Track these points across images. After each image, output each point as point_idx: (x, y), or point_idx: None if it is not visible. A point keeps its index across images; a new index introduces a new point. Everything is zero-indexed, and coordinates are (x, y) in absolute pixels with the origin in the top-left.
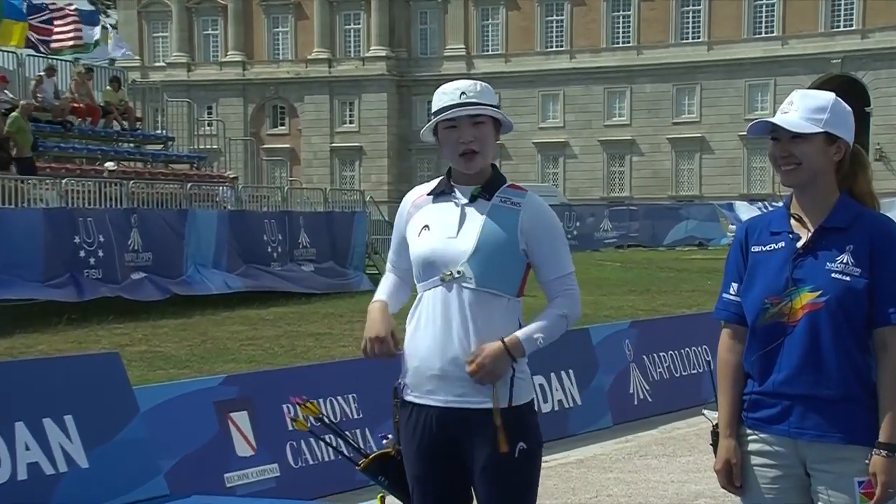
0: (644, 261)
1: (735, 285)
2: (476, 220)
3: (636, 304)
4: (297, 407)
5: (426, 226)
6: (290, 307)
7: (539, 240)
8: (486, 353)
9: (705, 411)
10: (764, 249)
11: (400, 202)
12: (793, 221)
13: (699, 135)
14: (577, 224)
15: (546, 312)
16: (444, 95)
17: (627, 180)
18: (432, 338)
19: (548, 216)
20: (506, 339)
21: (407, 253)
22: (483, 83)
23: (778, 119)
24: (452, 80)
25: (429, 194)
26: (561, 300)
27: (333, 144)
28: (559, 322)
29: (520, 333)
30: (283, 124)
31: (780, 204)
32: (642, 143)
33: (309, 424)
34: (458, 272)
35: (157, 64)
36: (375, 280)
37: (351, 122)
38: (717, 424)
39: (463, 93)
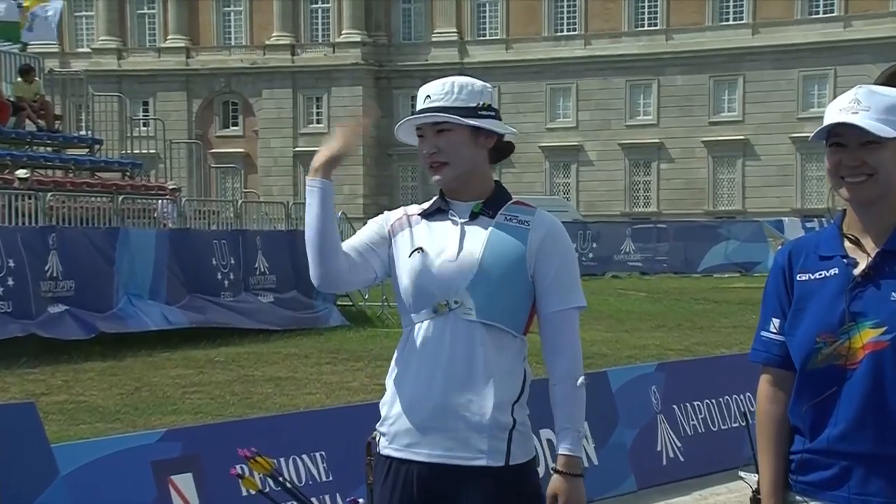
0: (674, 290)
1: (776, 321)
2: (478, 241)
3: (665, 343)
4: (246, 462)
5: (419, 248)
6: (244, 346)
7: (548, 263)
8: (565, 499)
9: (742, 473)
10: (813, 277)
11: None
12: (847, 244)
13: (742, 137)
14: (594, 245)
15: (560, 389)
16: (418, 98)
17: (654, 192)
18: (419, 380)
19: (562, 237)
20: (557, 466)
21: (371, 249)
22: (465, 81)
23: (860, 120)
24: (441, 71)
25: (420, 214)
26: (562, 360)
27: (297, 149)
28: (579, 395)
29: (563, 443)
30: (235, 124)
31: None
32: (672, 148)
33: (260, 484)
34: (457, 302)
35: (80, 50)
36: (349, 314)
37: (319, 122)
38: (757, 490)
39: (428, 96)
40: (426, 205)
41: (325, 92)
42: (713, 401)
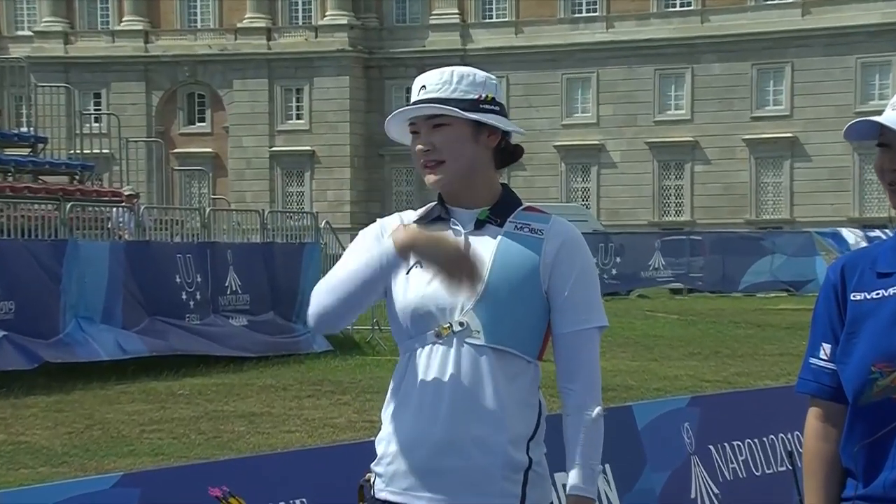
0: (711, 312)
1: (827, 347)
2: (485, 253)
3: (699, 373)
4: (218, 502)
5: (418, 262)
6: (212, 377)
7: (564, 276)
8: None
9: None
10: (869, 297)
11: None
12: None
13: (790, 134)
14: (617, 260)
15: (573, 420)
16: (413, 90)
17: (687, 199)
18: (421, 413)
19: (580, 247)
20: None
21: (376, 272)
22: (466, 71)
23: (886, 119)
24: (441, 59)
25: (417, 223)
26: (578, 386)
27: (274, 148)
28: (596, 428)
29: (574, 481)
30: (202, 120)
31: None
32: (709, 147)
33: None
34: (461, 323)
35: (20, 33)
36: (334, 339)
37: (299, 118)
38: None
39: (423, 86)
40: (422, 211)
41: (305, 83)
42: (756, 440)
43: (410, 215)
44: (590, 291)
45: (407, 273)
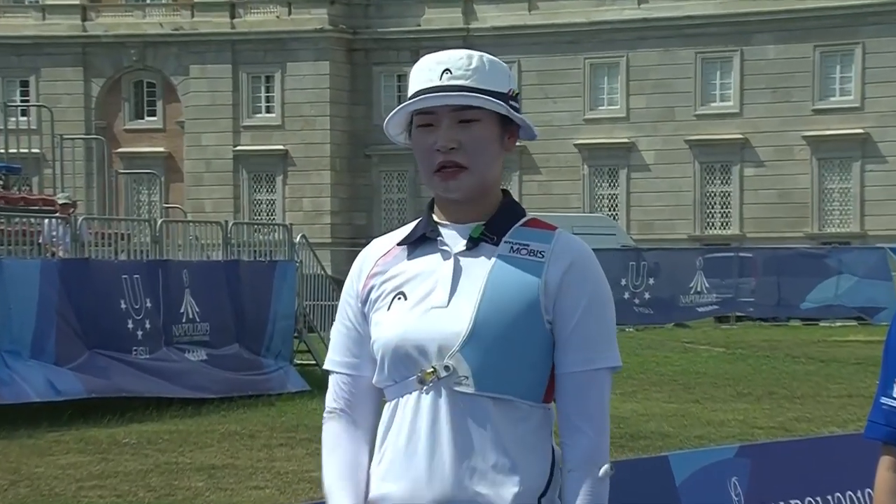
0: (764, 344)
1: None
2: (477, 280)
3: (750, 418)
4: None
5: (400, 293)
6: (164, 422)
7: (570, 306)
8: None
9: None
10: None
11: (351, 244)
12: None
13: (860, 131)
14: (651, 281)
15: (575, 479)
16: (421, 73)
17: (735, 208)
18: (410, 473)
19: (590, 269)
20: None
21: (367, 351)
22: (488, 56)
23: None
24: (439, 40)
25: (401, 244)
26: (581, 437)
27: (239, 147)
28: (600, 491)
29: None
30: (152, 114)
31: None
32: (761, 146)
33: None
34: (447, 367)
35: None
36: (311, 376)
37: (269, 111)
38: None
39: (447, 69)
40: (406, 229)
41: (277, 69)
42: (817, 499)
43: (393, 237)
44: (601, 324)
45: (388, 307)
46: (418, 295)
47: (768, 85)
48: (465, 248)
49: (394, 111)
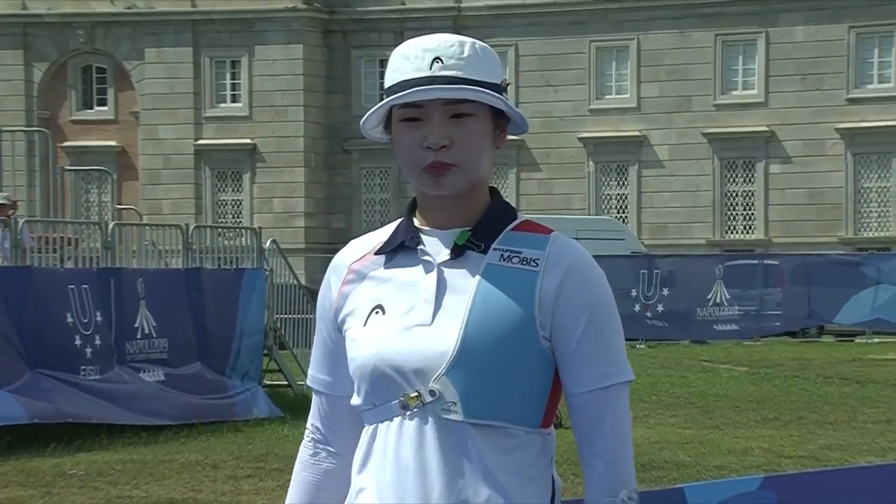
0: (792, 363)
1: None
2: (463, 294)
3: (776, 446)
4: None
5: (378, 306)
6: (117, 451)
7: (571, 319)
8: None
9: None
10: None
11: (328, 249)
12: None
13: None
14: (665, 292)
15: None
16: (406, 61)
17: (760, 210)
18: None
19: (590, 276)
20: None
21: (343, 369)
22: (480, 43)
23: None
24: (427, 21)
25: (377, 253)
26: (598, 462)
27: (201, 141)
28: None
29: None
30: (103, 103)
31: None
32: (789, 140)
33: None
34: (433, 392)
35: None
36: (283, 399)
37: (235, 100)
38: None
39: (437, 58)
40: (384, 232)
41: (244, 52)
42: None
43: (368, 240)
44: (608, 336)
45: (365, 322)
46: (398, 310)
47: (797, 71)
48: (449, 257)
49: (378, 106)
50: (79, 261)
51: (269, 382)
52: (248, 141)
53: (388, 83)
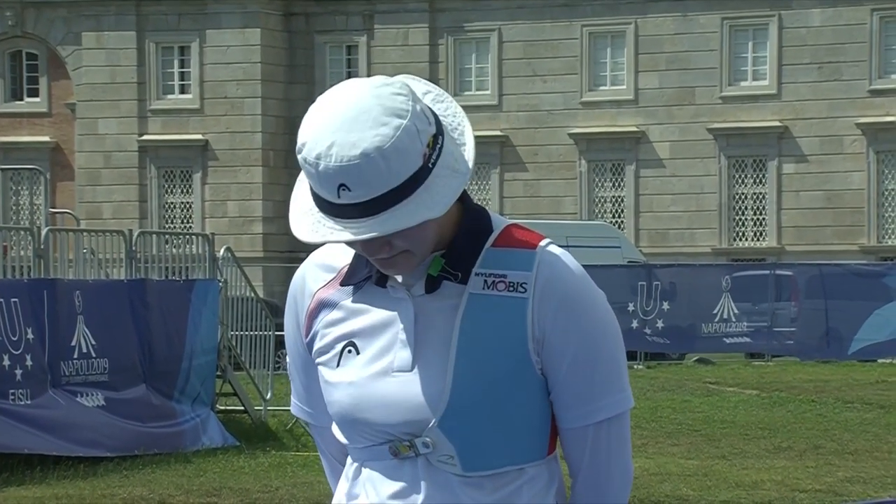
0: (808, 385)
1: None
2: (445, 332)
3: (790, 478)
4: None
5: (350, 343)
6: (52, 486)
7: (561, 343)
8: None
9: None
10: None
11: (288, 258)
12: None
13: None
14: (665, 306)
15: None
16: (314, 178)
17: (772, 214)
18: None
19: (581, 292)
20: None
21: (321, 403)
22: (380, 137)
23: None
24: (398, 4)
25: (344, 284)
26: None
27: (146, 137)
28: None
29: None
30: (34, 94)
31: None
32: (804, 136)
33: None
34: (427, 444)
35: None
36: (238, 426)
37: (184, 91)
38: None
39: (342, 185)
40: (346, 254)
41: (194, 38)
42: None
43: (335, 259)
44: (602, 359)
45: (337, 363)
46: (372, 352)
47: (813, 59)
48: (423, 291)
49: (294, 226)
50: (7, 271)
51: (222, 407)
52: (199, 137)
53: (298, 190)
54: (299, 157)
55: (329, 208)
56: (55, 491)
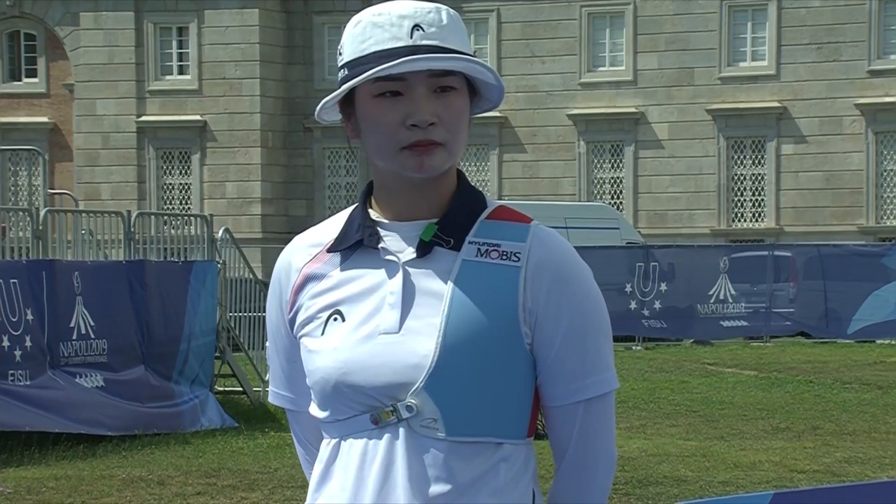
0: (806, 366)
1: None
2: (435, 296)
3: (788, 459)
4: None
5: (337, 311)
6: (51, 465)
7: (551, 328)
8: None
9: None
10: None
11: (287, 240)
12: None
13: None
14: (663, 287)
15: None
16: (378, 30)
17: (770, 195)
18: None
19: (573, 269)
20: None
21: (303, 385)
22: (452, 10)
23: None
24: None
25: (331, 250)
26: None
27: (144, 118)
28: None
29: None
30: (32, 74)
31: None
32: (802, 117)
33: None
34: (410, 408)
35: None
36: (237, 407)
37: (183, 72)
38: None
39: (416, 26)
40: (334, 227)
41: (192, 18)
42: None
43: (322, 235)
44: (591, 344)
45: (322, 331)
46: (359, 316)
47: (812, 39)
48: (414, 254)
49: (357, 80)
50: (6, 252)
51: (221, 389)
52: (198, 118)
53: (353, 54)
54: (357, 23)
55: (395, 53)
56: (54, 471)
